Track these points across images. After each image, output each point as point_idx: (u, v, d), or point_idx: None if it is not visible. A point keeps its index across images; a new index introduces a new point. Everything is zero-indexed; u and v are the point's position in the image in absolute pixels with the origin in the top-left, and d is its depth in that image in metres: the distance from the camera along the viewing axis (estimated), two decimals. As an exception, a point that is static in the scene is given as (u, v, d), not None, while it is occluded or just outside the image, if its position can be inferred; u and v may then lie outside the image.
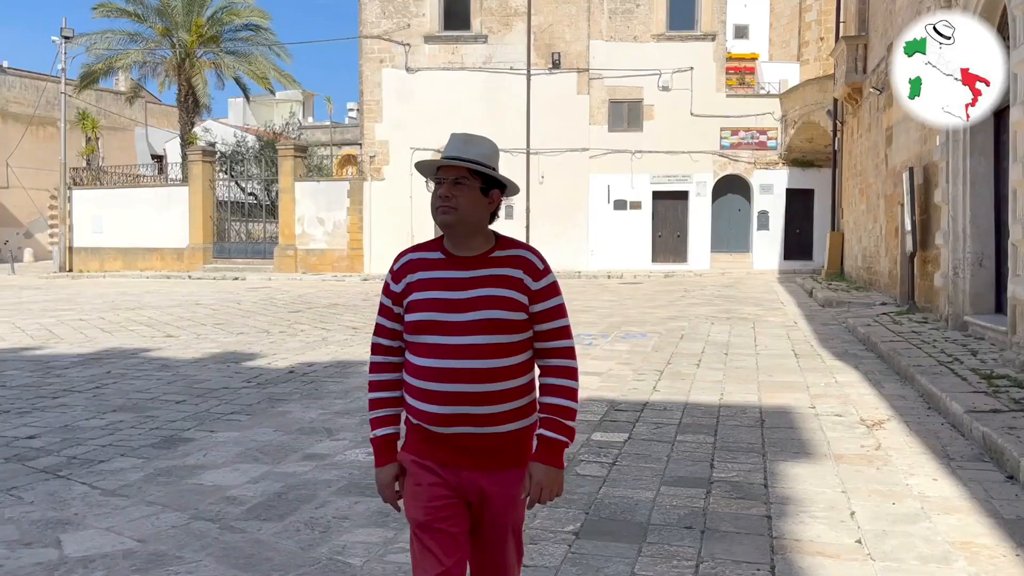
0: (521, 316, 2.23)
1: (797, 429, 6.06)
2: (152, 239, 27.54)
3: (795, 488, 4.70)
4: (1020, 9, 7.44)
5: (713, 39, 24.69)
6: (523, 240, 2.26)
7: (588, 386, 7.59)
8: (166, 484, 4.90)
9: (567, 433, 2.28)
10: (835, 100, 20.34)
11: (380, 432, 2.33)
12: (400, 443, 2.36)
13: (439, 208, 2.24)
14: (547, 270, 2.30)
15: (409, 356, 2.29)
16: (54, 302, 17.37)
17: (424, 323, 2.22)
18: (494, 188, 2.29)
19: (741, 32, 28.24)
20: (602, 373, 8.37)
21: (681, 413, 6.57)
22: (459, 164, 2.23)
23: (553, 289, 2.30)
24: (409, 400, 2.28)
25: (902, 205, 12.54)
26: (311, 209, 25.65)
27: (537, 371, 2.35)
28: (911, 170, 11.96)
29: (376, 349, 2.37)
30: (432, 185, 2.30)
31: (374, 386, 2.36)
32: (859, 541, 3.92)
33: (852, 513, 4.29)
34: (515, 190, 2.36)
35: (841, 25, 20.22)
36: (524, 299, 2.24)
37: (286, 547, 3.90)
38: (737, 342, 10.49)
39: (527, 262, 2.27)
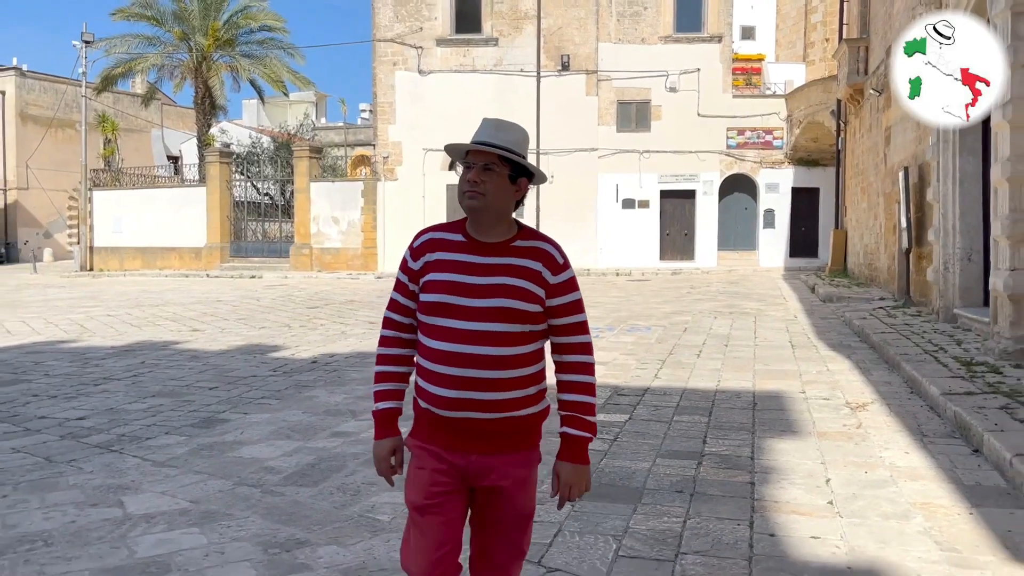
0: (536, 308, 2.22)
1: (786, 411, 6.54)
2: (170, 238, 28.17)
3: (778, 460, 5.19)
4: (1001, 17, 7.88)
5: (719, 41, 25.12)
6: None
7: (593, 374, 8.09)
8: (209, 457, 5.43)
9: (590, 428, 2.32)
10: (838, 101, 20.76)
11: (382, 406, 2.36)
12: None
13: (467, 192, 2.23)
14: (567, 264, 2.31)
15: (422, 337, 2.30)
16: (80, 299, 17.98)
17: (438, 305, 2.22)
18: (522, 176, 2.28)
19: (748, 33, 28.63)
20: (607, 362, 8.86)
21: (679, 397, 7.06)
22: (490, 150, 2.21)
23: (572, 284, 2.30)
24: (420, 381, 2.29)
25: (899, 203, 12.98)
26: (326, 209, 26.23)
27: (552, 364, 2.35)
28: (906, 169, 12.41)
29: (387, 323, 2.38)
30: (460, 169, 2.29)
31: (381, 360, 2.38)
32: (830, 502, 4.41)
33: (827, 480, 4.78)
34: (542, 179, 2.36)
35: (844, 27, 20.64)
36: (541, 292, 2.23)
37: (322, 507, 4.42)
38: (737, 335, 10.96)
39: (547, 255, 2.28)
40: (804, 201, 25.02)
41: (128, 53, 30.85)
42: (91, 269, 29.19)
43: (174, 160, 42.33)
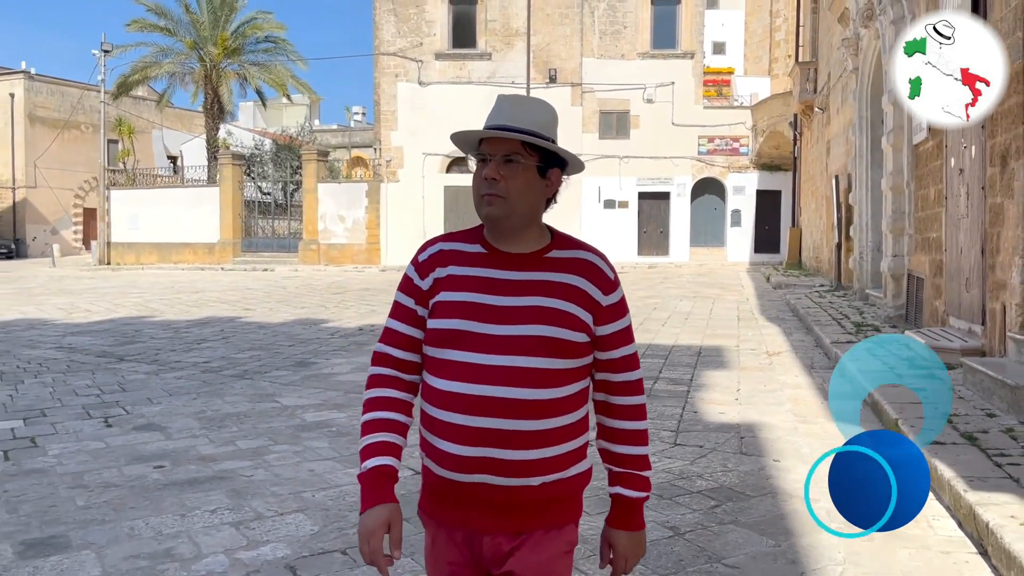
0: (583, 338, 1.72)
1: (722, 356, 9.03)
2: (185, 235, 30.35)
3: (709, 381, 7.66)
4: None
5: (692, 57, 27.73)
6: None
7: (581, 336, 10.56)
8: (316, 380, 7.83)
9: (646, 487, 1.84)
10: (795, 114, 23.36)
11: (372, 463, 1.72)
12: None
13: (484, 197, 1.72)
14: (617, 281, 1.82)
15: (428, 377, 1.76)
16: (121, 288, 20.17)
17: (454, 333, 1.71)
18: (554, 166, 1.77)
19: (719, 48, 31.22)
20: (591, 330, 11.31)
21: (645, 348, 9.52)
22: (510, 135, 1.70)
23: (623, 306, 1.81)
24: (424, 434, 1.76)
25: (834, 205, 15.54)
26: (332, 208, 28.55)
27: (592, 405, 1.85)
28: (837, 177, 14.97)
29: (381, 360, 1.82)
30: (474, 163, 1.78)
31: (372, 405, 1.80)
32: (736, 399, 6.88)
33: (738, 389, 7.25)
34: (579, 166, 1.85)
35: (800, 49, 23.24)
36: (588, 318, 1.73)
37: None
38: (696, 311, 13.47)
39: (595, 269, 1.78)
40: (767, 202, 27.68)
41: (144, 62, 32.94)
42: (108, 263, 31.27)
43: (173, 160, 44.42)
